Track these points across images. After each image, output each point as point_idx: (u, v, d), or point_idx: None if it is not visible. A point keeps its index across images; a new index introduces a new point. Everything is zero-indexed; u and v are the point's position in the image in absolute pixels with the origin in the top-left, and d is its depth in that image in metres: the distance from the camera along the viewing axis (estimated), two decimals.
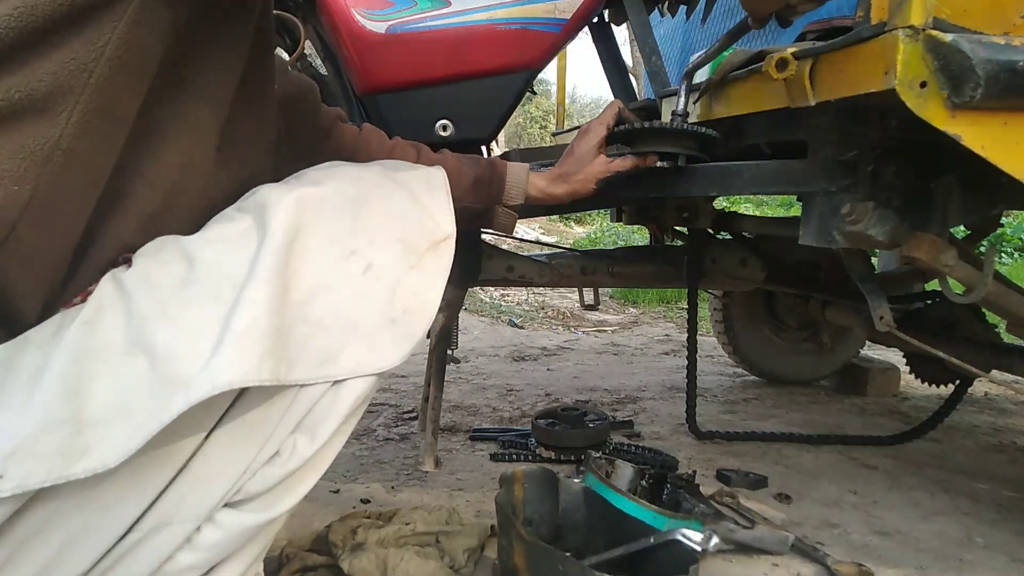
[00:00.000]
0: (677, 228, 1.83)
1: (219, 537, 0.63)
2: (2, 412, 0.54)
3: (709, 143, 1.09)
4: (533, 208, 1.18)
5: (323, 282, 0.65)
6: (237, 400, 0.61)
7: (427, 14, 1.20)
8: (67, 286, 0.62)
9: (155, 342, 0.57)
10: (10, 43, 0.51)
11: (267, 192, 0.67)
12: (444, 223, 0.75)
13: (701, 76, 1.25)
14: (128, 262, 0.64)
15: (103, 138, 0.58)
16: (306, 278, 0.64)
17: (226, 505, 0.63)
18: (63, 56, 0.54)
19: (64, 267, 0.61)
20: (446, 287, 0.73)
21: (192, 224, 0.68)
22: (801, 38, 1.18)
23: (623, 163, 1.09)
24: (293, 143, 0.91)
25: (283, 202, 0.65)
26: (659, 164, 1.08)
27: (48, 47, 0.53)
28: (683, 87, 1.11)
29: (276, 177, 0.80)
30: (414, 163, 1.04)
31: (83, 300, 0.61)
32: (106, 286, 0.61)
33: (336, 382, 0.64)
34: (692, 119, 1.24)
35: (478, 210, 1.08)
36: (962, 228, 1.70)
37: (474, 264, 1.51)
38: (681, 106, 1.09)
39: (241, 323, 0.57)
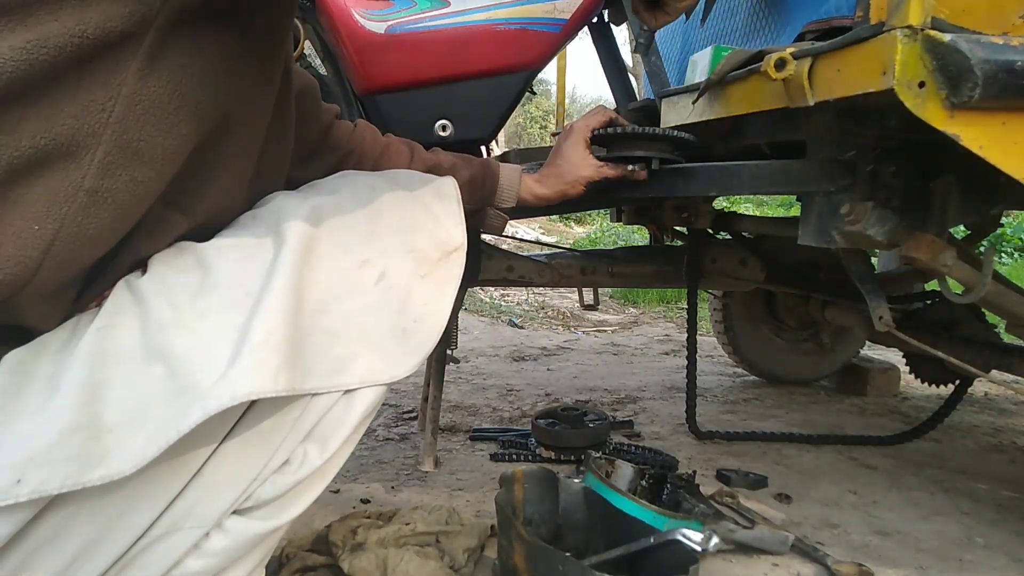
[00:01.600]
0: (677, 228, 1.83)
1: (227, 543, 0.63)
2: (20, 418, 0.54)
3: (683, 146, 1.10)
4: (526, 207, 1.18)
5: (337, 291, 0.65)
6: (249, 409, 0.61)
7: (426, 14, 1.20)
8: (85, 294, 0.62)
9: (172, 350, 0.57)
10: (23, 77, 0.50)
11: (282, 201, 0.68)
12: (455, 233, 0.76)
13: (702, 76, 1.25)
14: (142, 268, 0.64)
15: (130, 176, 0.57)
16: (320, 287, 0.64)
17: (235, 512, 0.63)
18: (82, 98, 0.53)
19: (81, 285, 0.61)
20: None
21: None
22: (800, 38, 1.18)
23: (614, 170, 1.10)
24: (297, 143, 0.92)
25: (299, 212, 0.65)
26: (631, 168, 1.10)
27: (65, 86, 0.52)
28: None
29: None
30: (409, 163, 1.05)
31: (98, 305, 0.61)
32: (120, 292, 0.61)
33: (348, 391, 0.64)
34: (692, 119, 1.24)
35: (469, 211, 1.08)
36: (962, 228, 1.70)
37: (474, 264, 1.51)
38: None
39: (258, 334, 0.57)
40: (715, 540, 0.94)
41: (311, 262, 0.64)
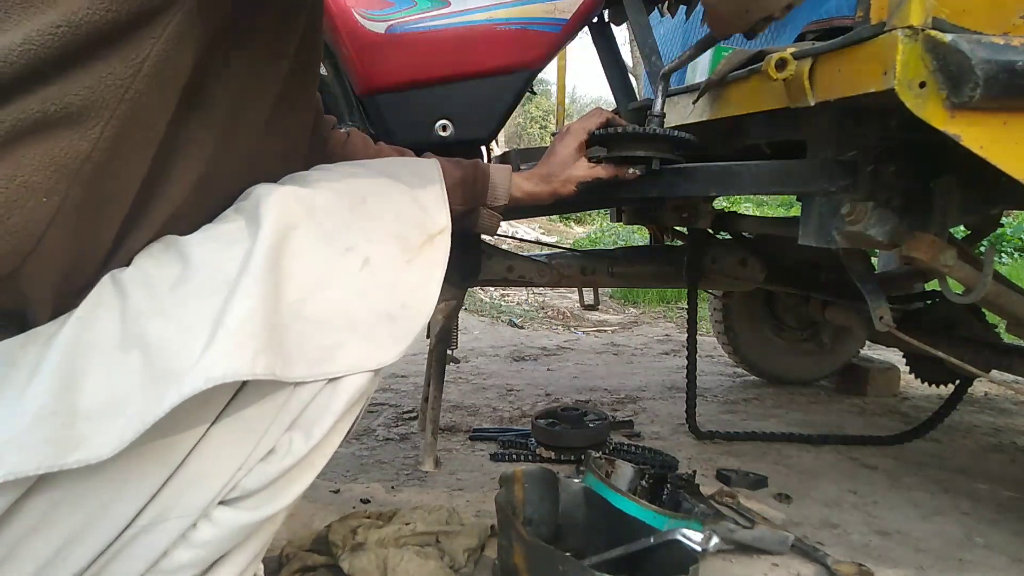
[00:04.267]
0: (677, 228, 1.83)
1: (214, 534, 0.63)
2: (0, 404, 0.55)
3: (684, 146, 1.10)
4: (521, 208, 1.18)
5: (321, 279, 0.65)
6: (233, 398, 0.62)
7: (427, 14, 1.20)
8: (80, 293, 0.62)
9: (148, 337, 0.58)
10: (50, 60, 0.51)
11: (260, 191, 0.68)
12: (439, 216, 0.76)
13: (702, 76, 1.25)
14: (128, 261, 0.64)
15: (133, 153, 0.58)
16: (303, 275, 0.64)
17: (222, 502, 0.63)
18: (101, 71, 0.53)
19: (82, 277, 0.61)
20: (445, 286, 0.74)
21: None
22: (801, 38, 1.18)
23: (605, 171, 1.10)
24: None
25: (274, 200, 0.66)
26: (631, 171, 1.10)
27: (87, 62, 0.53)
28: (659, 89, 1.11)
29: None
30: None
31: None
32: (103, 284, 0.62)
33: (332, 379, 0.64)
34: (692, 119, 1.25)
35: (461, 211, 1.08)
36: (962, 228, 1.70)
37: (474, 264, 1.51)
38: (657, 108, 1.10)
39: (234, 319, 0.57)
40: (715, 540, 0.94)
41: (291, 249, 0.64)
